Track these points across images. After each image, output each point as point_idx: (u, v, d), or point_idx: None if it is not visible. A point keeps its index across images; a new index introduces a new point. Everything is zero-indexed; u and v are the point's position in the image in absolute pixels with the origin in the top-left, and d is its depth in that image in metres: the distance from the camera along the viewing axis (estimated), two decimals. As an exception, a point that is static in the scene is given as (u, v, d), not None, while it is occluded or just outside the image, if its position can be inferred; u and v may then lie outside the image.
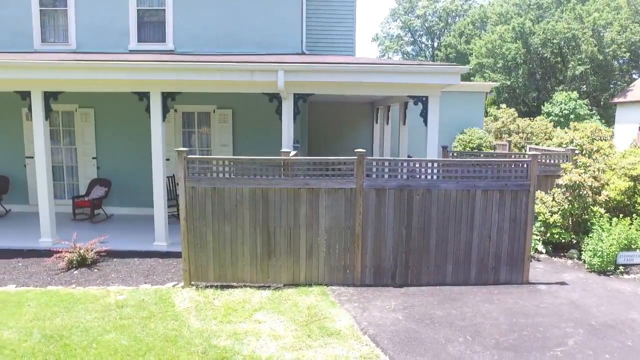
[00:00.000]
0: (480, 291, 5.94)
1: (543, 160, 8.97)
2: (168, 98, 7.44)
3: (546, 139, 15.66)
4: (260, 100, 9.25)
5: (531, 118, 17.81)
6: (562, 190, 7.46)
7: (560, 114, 18.55)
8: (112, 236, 8.00)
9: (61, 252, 7.04)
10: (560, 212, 7.12)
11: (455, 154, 10.38)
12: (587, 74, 25.04)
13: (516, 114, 17.27)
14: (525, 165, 5.89)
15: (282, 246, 5.92)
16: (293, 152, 7.07)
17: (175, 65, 7.11)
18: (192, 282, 6.04)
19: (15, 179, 9.97)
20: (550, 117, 18.47)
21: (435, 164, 6.00)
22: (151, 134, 7.47)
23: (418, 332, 4.86)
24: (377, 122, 12.84)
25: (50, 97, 7.54)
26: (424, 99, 7.39)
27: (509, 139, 14.14)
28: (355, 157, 5.80)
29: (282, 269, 5.97)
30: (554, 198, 7.56)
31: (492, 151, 12.46)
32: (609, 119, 23.86)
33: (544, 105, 21.28)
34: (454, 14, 37.89)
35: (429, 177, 5.95)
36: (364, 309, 5.39)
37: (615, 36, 24.52)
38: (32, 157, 9.93)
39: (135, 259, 7.35)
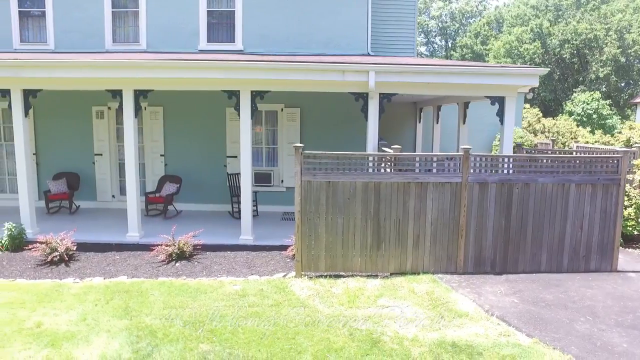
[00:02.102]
0: (575, 278, 6.34)
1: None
2: (256, 97, 7.73)
3: (572, 139, 16.25)
4: (329, 99, 9.60)
5: (554, 117, 18.38)
6: (635, 185, 7.95)
7: (583, 113, 19.19)
8: (185, 231, 8.13)
9: (161, 245, 7.30)
10: (634, 206, 7.60)
11: (529, 151, 10.76)
12: (608, 75, 25.73)
13: (540, 114, 17.83)
14: (616, 161, 6.33)
15: (391, 237, 6.27)
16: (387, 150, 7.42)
17: (268, 65, 7.40)
18: (303, 272, 6.36)
19: (83, 176, 10.18)
20: (573, 117, 19.10)
21: (535, 160, 6.38)
22: (240, 130, 7.72)
23: (540, 313, 5.25)
24: (419, 122, 13.25)
25: (140, 95, 7.79)
26: (500, 99, 7.81)
27: (552, 138, 14.53)
28: (462, 153, 6.19)
29: (390, 259, 6.32)
30: (626, 193, 8.02)
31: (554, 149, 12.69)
32: (625, 119, 24.60)
33: (563, 105, 21.97)
34: (468, 14, 38.64)
35: (526, 172, 6.32)
36: (478, 294, 5.77)
37: (637, 37, 25.15)
38: (101, 155, 10.22)
39: (227, 252, 7.63)
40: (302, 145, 6.14)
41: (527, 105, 20.30)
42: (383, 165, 6.21)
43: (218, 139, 10.04)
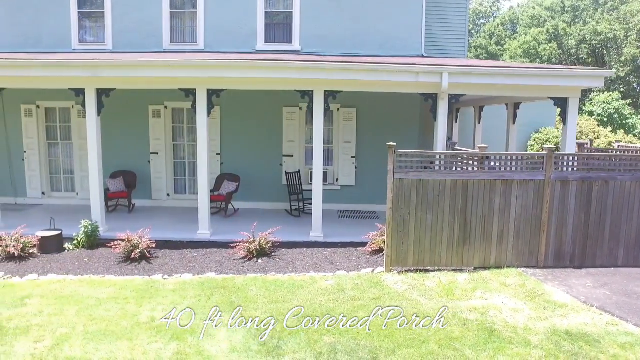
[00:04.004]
0: (653, 272, 6.64)
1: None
2: (330, 96, 7.90)
3: (595, 138, 16.64)
4: (384, 99, 9.81)
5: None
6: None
7: (604, 113, 19.65)
8: (250, 229, 8.06)
9: (242, 242, 7.44)
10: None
11: (591, 150, 10.97)
12: (628, 75, 26.22)
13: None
14: (691, 159, 6.64)
15: (477, 232, 6.49)
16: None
17: (344, 66, 7.58)
18: (392, 267, 6.56)
19: (139, 174, 10.28)
20: (594, 117, 19.55)
21: (615, 159, 6.65)
22: (313, 130, 7.89)
23: (636, 304, 5.50)
24: (456, 122, 13.51)
25: (213, 94, 7.93)
26: (564, 100, 8.06)
27: (590, 138, 14.77)
28: (546, 152, 6.43)
29: (475, 253, 6.54)
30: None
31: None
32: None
33: (581, 105, 22.44)
34: (482, 15, 39.09)
35: (606, 169, 6.54)
36: (568, 287, 6.01)
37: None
38: (157, 154, 10.34)
39: (302, 249, 7.80)
40: (394, 144, 6.35)
41: (547, 106, 20.69)
42: (471, 163, 6.44)
43: (274, 138, 10.20)
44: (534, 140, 13.38)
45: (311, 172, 10.22)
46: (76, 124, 10.26)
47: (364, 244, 7.68)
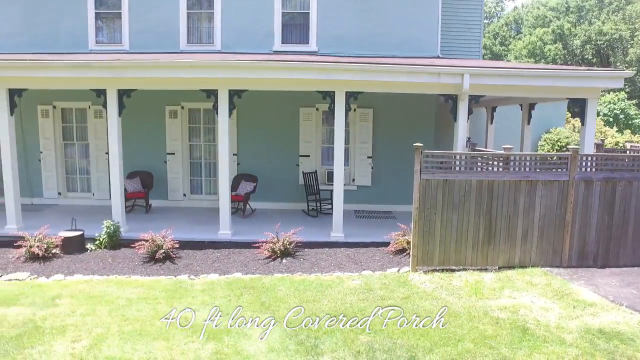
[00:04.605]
0: (675, 271, 6.72)
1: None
2: (350, 97, 7.95)
3: (602, 139, 16.73)
4: (400, 100, 9.85)
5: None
6: None
7: (610, 113, 19.77)
8: (269, 229, 7.97)
9: (266, 242, 7.48)
10: None
11: (608, 151, 11.06)
12: (633, 76, 26.37)
13: (569, 114, 18.33)
14: None
15: (501, 232, 6.55)
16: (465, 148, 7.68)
17: (367, 67, 7.62)
18: (418, 267, 6.62)
19: (155, 174, 10.30)
20: (600, 117, 19.68)
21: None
22: (335, 131, 7.93)
23: (664, 304, 5.58)
24: (467, 122, 13.56)
25: (234, 95, 7.95)
26: (582, 100, 8.13)
27: (601, 138, 14.89)
28: (570, 153, 6.50)
29: (499, 253, 6.60)
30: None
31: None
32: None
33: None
34: (486, 15, 39.20)
35: (630, 170, 6.60)
36: (594, 285, 6.08)
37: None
38: (173, 154, 10.36)
39: (324, 249, 7.83)
40: (421, 145, 6.40)
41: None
42: (496, 163, 6.50)
43: (290, 139, 10.25)
44: (544, 140, 13.47)
45: (327, 173, 10.37)
46: (92, 124, 10.27)
47: (385, 244, 7.74)
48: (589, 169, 6.58)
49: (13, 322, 5.23)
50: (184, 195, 10.42)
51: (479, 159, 6.58)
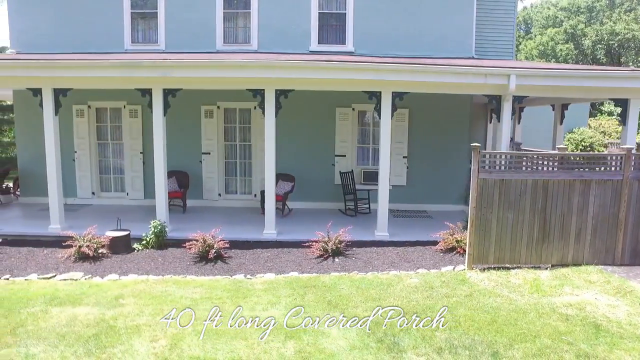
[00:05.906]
0: None
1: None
2: (396, 97, 8.00)
3: (618, 138, 16.94)
4: (436, 100, 9.91)
5: (595, 117, 19.14)
6: None
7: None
8: (311, 228, 8.13)
9: (317, 241, 7.51)
10: None
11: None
12: None
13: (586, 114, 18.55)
14: None
15: (555, 231, 6.65)
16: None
17: (414, 67, 7.68)
18: (473, 265, 6.69)
19: (190, 174, 10.28)
20: (614, 117, 19.91)
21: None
22: (381, 132, 7.99)
23: None
24: (490, 122, 13.70)
25: (281, 95, 7.98)
26: (624, 101, 8.22)
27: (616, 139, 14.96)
28: (624, 152, 6.61)
29: (553, 251, 6.70)
30: None
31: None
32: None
33: (598, 105, 22.91)
34: None
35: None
36: (653, 284, 6.20)
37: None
38: (209, 154, 10.35)
39: (372, 248, 7.88)
40: (479, 145, 6.48)
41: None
42: (549, 163, 6.59)
43: (327, 138, 10.28)
44: (568, 140, 13.63)
45: (363, 172, 10.43)
46: (127, 124, 10.24)
47: (431, 243, 7.81)
48: (641, 169, 6.71)
49: (85, 321, 5.24)
50: (219, 195, 10.42)
51: (535, 158, 6.66)
